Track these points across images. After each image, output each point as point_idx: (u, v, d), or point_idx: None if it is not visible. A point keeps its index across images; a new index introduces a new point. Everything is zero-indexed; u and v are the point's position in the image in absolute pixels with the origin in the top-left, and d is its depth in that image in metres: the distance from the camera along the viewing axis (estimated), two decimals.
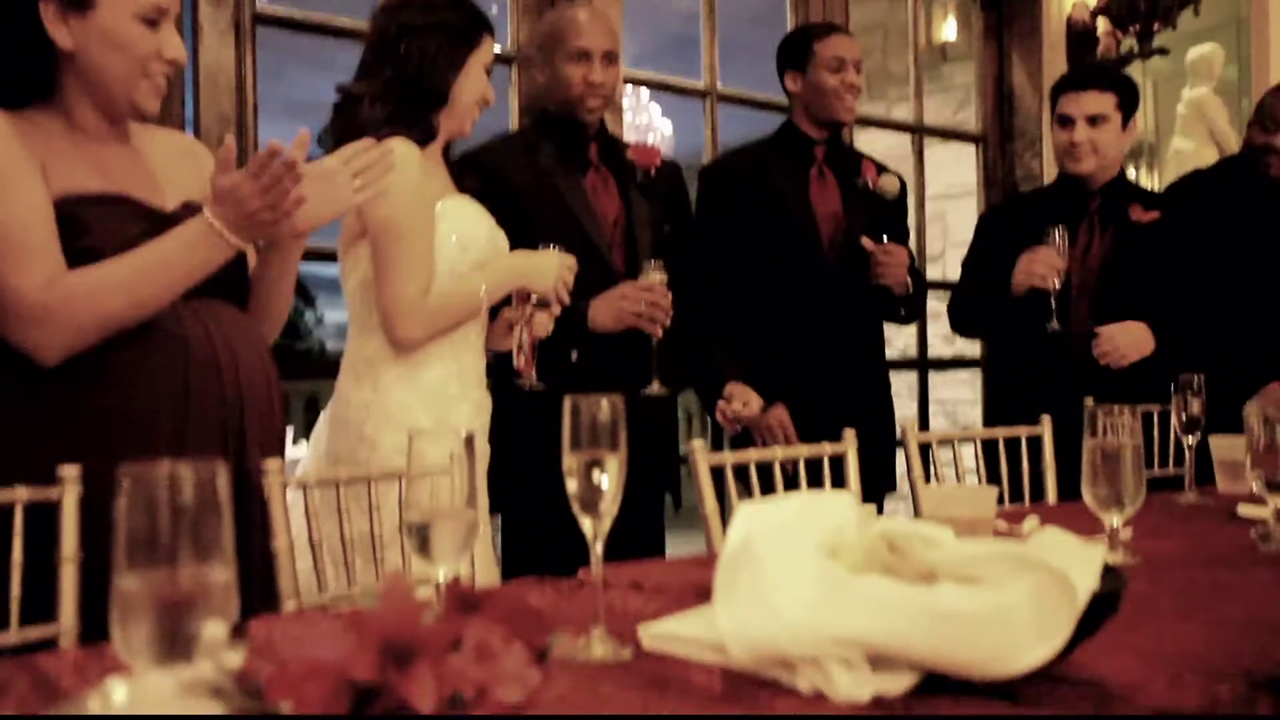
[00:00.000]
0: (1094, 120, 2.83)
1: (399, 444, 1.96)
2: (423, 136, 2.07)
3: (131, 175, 1.64)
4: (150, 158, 1.70)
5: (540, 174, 2.45)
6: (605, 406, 1.13)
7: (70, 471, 1.43)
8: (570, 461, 1.13)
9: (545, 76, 2.54)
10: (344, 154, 1.67)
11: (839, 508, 1.13)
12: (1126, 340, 2.71)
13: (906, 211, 2.88)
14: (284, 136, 1.68)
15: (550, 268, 2.10)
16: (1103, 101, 2.83)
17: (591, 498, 1.13)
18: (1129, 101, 2.87)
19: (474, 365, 2.13)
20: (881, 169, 2.87)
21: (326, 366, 2.38)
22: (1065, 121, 2.87)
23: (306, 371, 4.85)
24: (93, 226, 1.53)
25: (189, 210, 1.64)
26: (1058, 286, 2.69)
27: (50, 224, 1.51)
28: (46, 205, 1.51)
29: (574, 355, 2.38)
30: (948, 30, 4.84)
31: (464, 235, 2.08)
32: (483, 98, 2.14)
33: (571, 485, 1.13)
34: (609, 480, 1.12)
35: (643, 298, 2.33)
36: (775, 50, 2.93)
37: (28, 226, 1.48)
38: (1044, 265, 2.69)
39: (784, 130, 2.90)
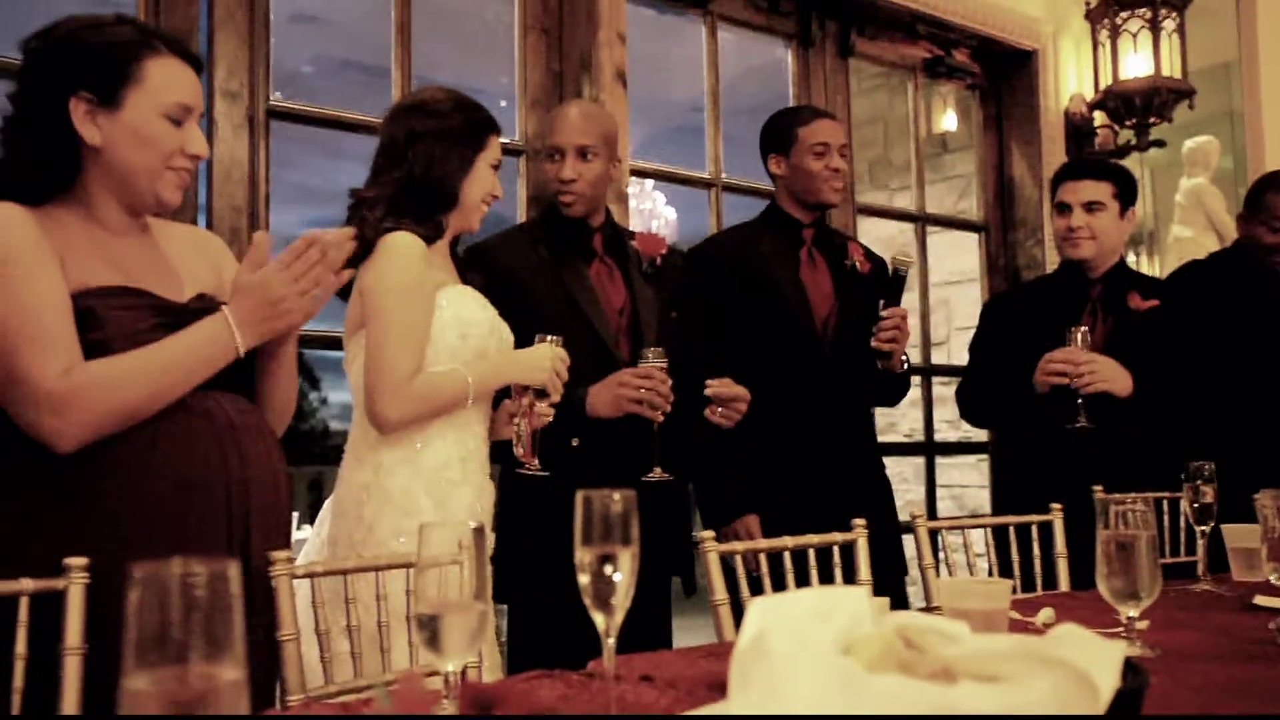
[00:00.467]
0: (1090, 207, 2.87)
1: (396, 527, 1.97)
2: (431, 234, 2.11)
3: (148, 268, 1.66)
4: (168, 251, 1.72)
5: (544, 265, 2.47)
6: (618, 500, 1.13)
7: (76, 562, 1.42)
8: (582, 555, 1.12)
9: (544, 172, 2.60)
10: (283, 259, 1.64)
11: (853, 602, 1.12)
12: (1109, 368, 2.71)
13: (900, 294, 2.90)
14: (294, 222, 1.71)
15: (542, 361, 2.11)
16: (1099, 189, 2.88)
17: (604, 593, 1.12)
18: (1126, 191, 2.91)
19: (476, 451, 2.13)
20: (868, 252, 2.89)
21: (331, 450, 2.38)
22: (1063, 208, 2.91)
23: (311, 454, 4.85)
24: (106, 320, 1.54)
25: (202, 302, 1.66)
26: (1084, 385, 2.68)
27: (68, 315, 1.52)
28: (65, 297, 1.52)
29: (575, 442, 2.37)
30: (947, 121, 4.92)
31: (464, 323, 2.10)
32: (490, 194, 2.20)
33: (583, 579, 1.12)
34: (622, 575, 1.11)
35: (640, 384, 2.31)
36: None
37: (46, 316, 1.49)
38: (1068, 364, 2.70)
39: (770, 213, 2.90)
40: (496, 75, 3.62)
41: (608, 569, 1.12)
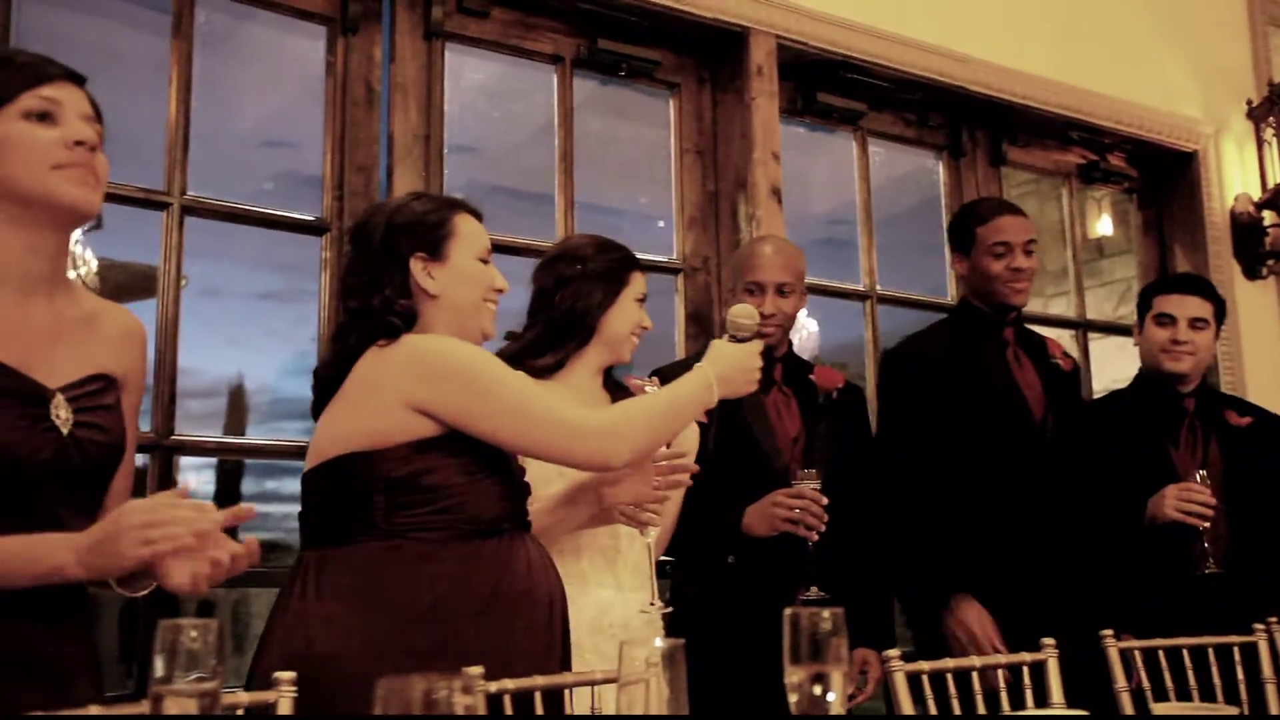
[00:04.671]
0: (1195, 323, 2.84)
1: None
2: (551, 367, 2.20)
3: None
4: None
5: None
6: (827, 617, 1.12)
7: (285, 676, 1.47)
8: (791, 675, 1.11)
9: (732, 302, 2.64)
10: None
11: None
12: None
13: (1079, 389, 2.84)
14: None
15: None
16: (1204, 308, 2.88)
17: (816, 713, 1.10)
18: (1220, 313, 2.94)
19: (596, 564, 2.15)
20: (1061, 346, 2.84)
21: None
22: (1165, 320, 2.87)
23: None
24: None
25: None
26: (1208, 528, 2.61)
27: None
28: None
29: (730, 559, 2.46)
30: (1103, 226, 4.82)
31: None
32: (638, 326, 2.27)
33: (793, 699, 1.11)
34: (835, 695, 1.10)
35: (794, 504, 2.37)
36: (927, 247, 2.97)
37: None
38: (1200, 505, 2.61)
39: (964, 311, 2.82)
40: (654, 196, 3.73)
41: (817, 689, 1.10)
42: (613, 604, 2.12)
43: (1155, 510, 2.67)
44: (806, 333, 7.87)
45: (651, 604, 2.05)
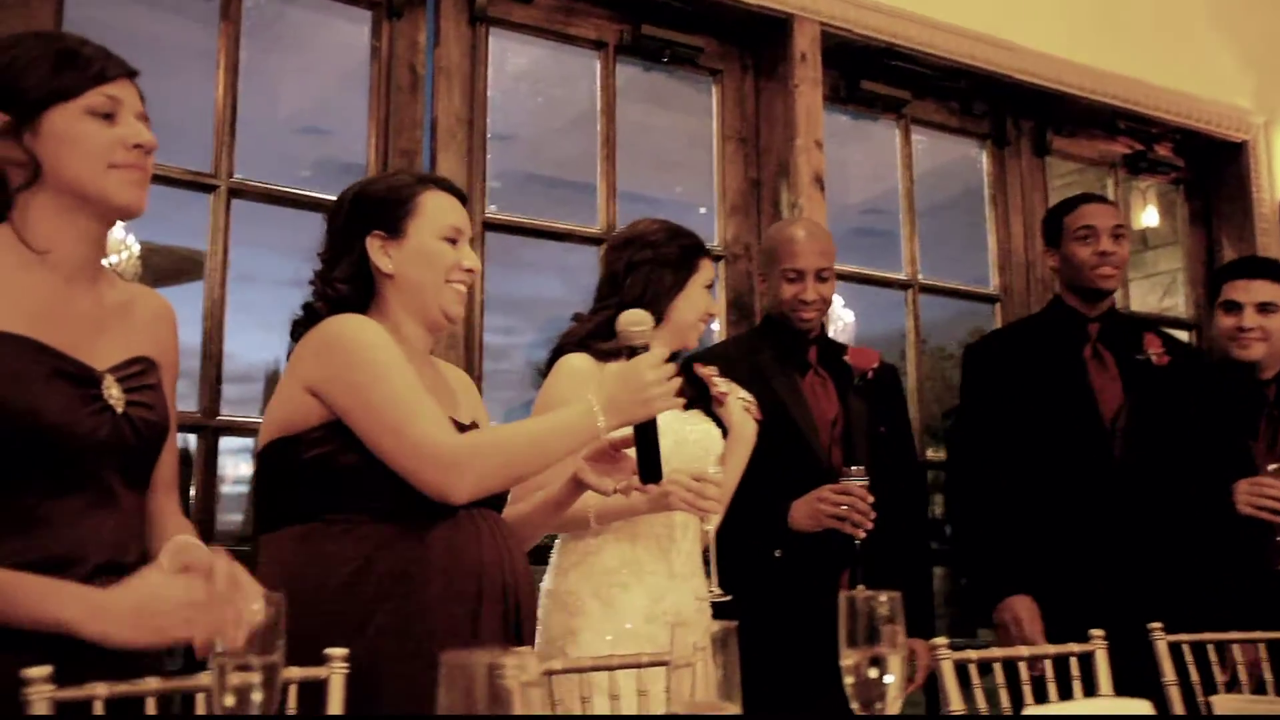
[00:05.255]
0: (1264, 307, 2.82)
1: (566, 626, 2.08)
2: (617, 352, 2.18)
3: (441, 391, 1.82)
4: (446, 377, 1.91)
5: (759, 375, 2.51)
6: (883, 600, 1.11)
7: (337, 652, 1.49)
8: (848, 658, 1.11)
9: (766, 287, 2.69)
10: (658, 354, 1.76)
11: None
12: None
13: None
14: (501, 330, 1.82)
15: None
16: (1274, 290, 2.84)
17: (872, 697, 1.10)
18: None
19: (651, 551, 2.15)
20: (1169, 343, 2.81)
21: None
22: (1232, 307, 2.85)
23: None
24: None
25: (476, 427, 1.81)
26: None
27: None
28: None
29: (777, 554, 2.45)
30: (1148, 217, 4.76)
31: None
32: (705, 313, 2.29)
33: (849, 681, 1.11)
34: (893, 677, 1.09)
35: (840, 500, 2.37)
36: (967, 237, 2.98)
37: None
38: (1273, 500, 2.57)
39: (1053, 308, 2.87)
40: (694, 183, 3.72)
41: (874, 671, 1.10)
42: (665, 592, 2.13)
43: (1238, 505, 2.64)
44: (843, 323, 7.82)
45: (710, 590, 2.05)
